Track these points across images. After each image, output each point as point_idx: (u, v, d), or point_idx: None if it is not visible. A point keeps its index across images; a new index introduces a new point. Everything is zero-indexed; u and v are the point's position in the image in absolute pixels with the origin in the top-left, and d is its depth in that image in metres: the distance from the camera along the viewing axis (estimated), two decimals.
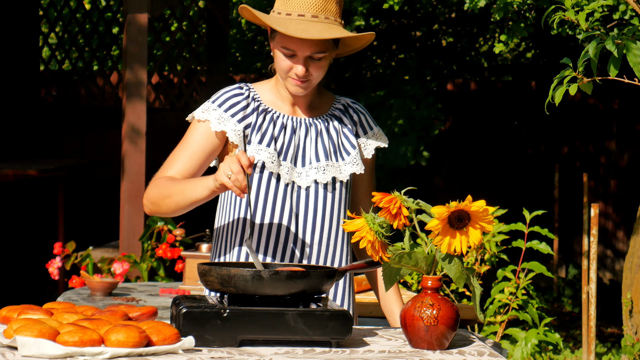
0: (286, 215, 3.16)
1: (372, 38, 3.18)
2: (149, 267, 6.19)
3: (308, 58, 3.09)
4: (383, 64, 11.35)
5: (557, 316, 9.53)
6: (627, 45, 2.80)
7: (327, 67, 3.16)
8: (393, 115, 10.25)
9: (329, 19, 3.09)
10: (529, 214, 5.34)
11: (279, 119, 3.19)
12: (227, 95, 3.19)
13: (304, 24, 3.05)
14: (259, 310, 2.69)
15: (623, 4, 6.69)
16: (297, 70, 3.09)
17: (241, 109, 3.17)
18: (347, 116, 3.29)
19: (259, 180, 3.14)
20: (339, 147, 3.23)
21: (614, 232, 11.22)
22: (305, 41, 3.06)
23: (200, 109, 3.19)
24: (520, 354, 5.20)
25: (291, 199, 3.16)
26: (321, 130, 3.22)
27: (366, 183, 3.32)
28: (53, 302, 2.87)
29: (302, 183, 3.17)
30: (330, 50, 3.12)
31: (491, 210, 2.70)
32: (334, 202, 3.20)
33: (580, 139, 11.20)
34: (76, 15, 9.71)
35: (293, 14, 3.08)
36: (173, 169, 3.14)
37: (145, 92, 6.69)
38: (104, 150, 9.51)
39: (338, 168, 3.20)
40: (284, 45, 3.09)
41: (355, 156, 3.23)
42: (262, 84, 3.26)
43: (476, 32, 12.14)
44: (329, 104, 3.29)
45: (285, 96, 3.21)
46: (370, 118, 3.34)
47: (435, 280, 2.76)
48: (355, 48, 3.26)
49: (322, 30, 3.04)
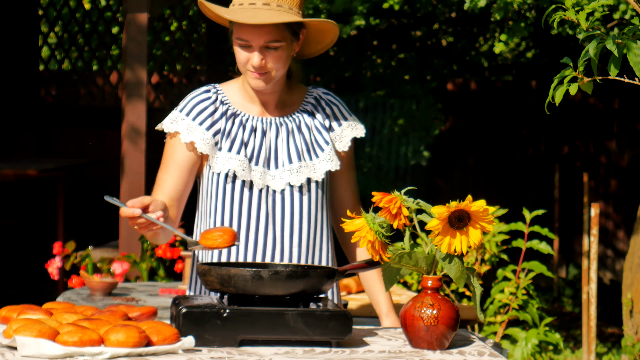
0: (262, 221, 3.11)
1: (336, 30, 3.12)
2: (149, 267, 6.19)
3: (264, 48, 3.03)
4: (383, 64, 11.35)
5: (557, 316, 9.53)
6: (627, 45, 2.79)
7: (288, 60, 3.08)
8: (393, 115, 10.25)
9: (281, 6, 3.03)
10: (529, 214, 5.34)
11: (249, 122, 3.13)
12: (194, 101, 3.14)
13: (253, 11, 3.00)
14: (259, 310, 2.69)
15: (623, 4, 6.69)
16: (253, 61, 3.03)
17: (209, 115, 3.12)
18: (319, 109, 3.22)
19: (232, 190, 3.10)
20: (312, 144, 3.17)
21: (615, 232, 11.22)
22: (258, 29, 3.00)
23: (169, 119, 3.13)
24: (520, 354, 5.20)
25: (266, 204, 3.11)
26: (292, 129, 3.17)
27: (345, 177, 3.26)
28: (53, 302, 2.87)
29: (276, 186, 3.12)
30: (287, 41, 3.05)
31: (491, 210, 2.69)
32: (310, 204, 3.15)
33: (581, 138, 11.20)
34: (76, 14, 9.70)
35: (245, 3, 3.03)
36: (161, 192, 3.10)
37: (145, 92, 6.68)
38: (104, 150, 9.51)
39: (312, 167, 3.15)
40: (238, 36, 3.04)
41: (330, 152, 3.17)
42: (229, 84, 3.21)
43: (476, 32, 12.14)
44: (301, 99, 3.22)
45: (254, 96, 3.15)
46: (344, 108, 3.27)
47: (436, 280, 2.76)
48: (325, 45, 3.19)
49: (270, 16, 2.99)
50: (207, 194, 3.14)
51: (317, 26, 3.12)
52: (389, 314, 3.24)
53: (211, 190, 3.12)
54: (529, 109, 11.21)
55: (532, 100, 11.21)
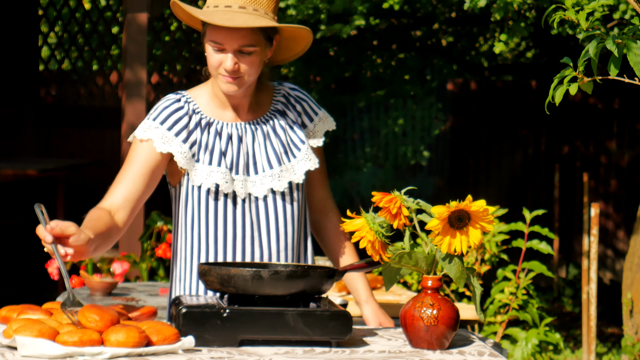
0: (248, 230, 3.09)
1: (310, 36, 3.10)
2: (149, 267, 6.19)
3: (238, 52, 2.99)
4: (383, 64, 11.35)
5: (557, 316, 9.52)
6: (627, 45, 2.79)
7: (261, 65, 3.04)
8: (393, 115, 10.25)
9: (257, 10, 3.00)
10: (529, 214, 5.33)
11: (224, 130, 3.10)
12: (167, 112, 3.08)
13: (229, 14, 2.97)
14: (259, 310, 2.69)
15: (623, 4, 6.69)
16: (226, 64, 2.99)
17: (184, 126, 3.06)
18: (290, 108, 3.20)
19: (215, 205, 3.07)
20: (288, 145, 3.15)
21: (615, 232, 11.22)
22: (233, 33, 2.97)
23: (141, 127, 3.07)
24: (520, 354, 5.19)
25: (250, 213, 3.09)
26: (268, 132, 3.14)
27: (319, 172, 3.25)
28: (53, 302, 2.87)
29: (259, 193, 3.09)
30: (261, 46, 3.02)
31: (491, 210, 2.69)
32: (293, 208, 3.13)
33: (581, 138, 11.20)
34: (76, 14, 9.70)
35: (220, 6, 3.00)
36: (117, 192, 3.03)
37: (145, 92, 6.68)
38: (104, 150, 9.50)
39: (292, 169, 3.13)
40: (212, 39, 3.00)
41: (307, 151, 3.15)
42: (197, 89, 3.16)
43: (476, 32, 12.14)
44: (270, 98, 3.19)
45: (224, 100, 3.11)
46: (313, 103, 3.25)
47: (436, 280, 2.76)
48: (297, 52, 3.16)
49: (247, 20, 2.96)
50: (187, 207, 3.10)
51: (291, 32, 3.09)
52: (369, 301, 3.23)
53: (192, 203, 3.08)
54: (529, 109, 11.21)
55: (532, 100, 11.21)
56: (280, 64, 3.22)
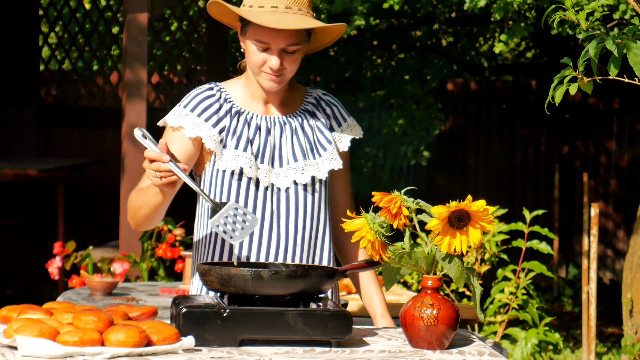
0: (267, 219, 3.11)
1: (343, 31, 3.13)
2: (149, 267, 6.19)
3: (282, 51, 3.04)
4: (383, 64, 11.34)
5: (557, 316, 9.53)
6: (627, 45, 2.80)
7: (300, 61, 3.10)
8: (393, 115, 10.24)
9: (301, 10, 3.04)
10: (529, 214, 5.34)
11: (253, 120, 3.14)
12: (198, 98, 3.13)
13: (278, 15, 3.00)
14: (259, 310, 2.69)
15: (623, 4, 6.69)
16: (272, 63, 3.04)
17: (214, 112, 3.11)
18: (320, 110, 3.23)
19: (238, 187, 3.09)
20: (315, 143, 3.18)
21: (614, 232, 11.22)
22: (280, 33, 3.01)
23: (172, 114, 3.12)
24: (520, 354, 5.20)
25: (271, 202, 3.12)
26: (296, 128, 3.17)
27: (343, 177, 3.28)
28: (53, 302, 2.87)
29: (281, 184, 3.12)
30: (303, 43, 3.07)
31: (491, 210, 2.69)
32: (314, 202, 3.16)
33: (581, 138, 11.20)
34: (76, 14, 9.70)
35: (266, 6, 3.03)
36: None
37: (145, 92, 6.68)
38: (104, 150, 9.51)
39: (316, 166, 3.16)
40: (257, 39, 3.03)
41: (332, 151, 3.18)
42: (232, 82, 3.21)
43: (476, 32, 12.14)
44: (301, 98, 3.23)
45: (258, 94, 3.16)
46: (343, 110, 3.28)
47: (436, 280, 2.76)
48: (324, 43, 3.20)
49: (297, 21, 3.00)
50: (210, 192, 3.13)
51: (326, 27, 3.13)
52: (384, 316, 3.24)
53: (215, 188, 3.12)
54: (529, 109, 11.21)
55: (532, 100, 11.21)
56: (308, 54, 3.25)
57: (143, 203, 3.06)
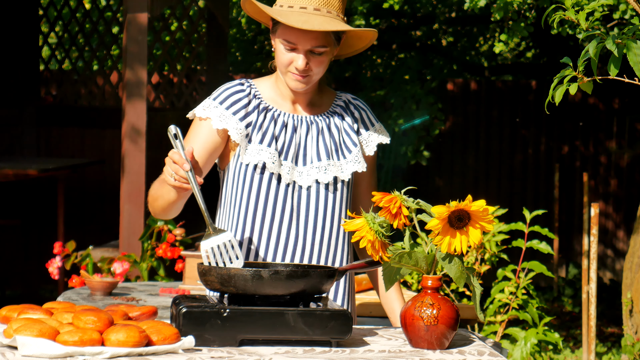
0: (287, 216, 3.14)
1: (375, 37, 3.17)
2: (149, 266, 6.19)
3: (309, 52, 3.07)
4: (383, 64, 11.35)
5: (557, 316, 9.53)
6: (627, 45, 2.80)
7: (328, 64, 3.13)
8: (393, 115, 10.24)
9: (331, 13, 3.07)
10: (529, 214, 5.34)
11: (280, 117, 3.17)
12: (228, 92, 3.17)
13: (305, 16, 3.04)
14: (259, 310, 2.69)
15: (623, 4, 6.69)
16: (298, 63, 3.07)
17: (243, 106, 3.15)
18: (348, 113, 3.26)
19: (260, 181, 3.12)
20: (340, 145, 3.21)
21: (614, 232, 11.22)
22: (307, 34, 3.05)
23: (201, 106, 3.17)
24: (520, 354, 5.20)
25: (292, 200, 3.14)
26: (322, 128, 3.20)
27: (367, 181, 3.30)
28: (53, 302, 2.87)
29: (303, 183, 3.15)
30: (331, 46, 3.10)
31: (491, 210, 2.69)
32: (335, 202, 3.18)
33: (581, 138, 11.20)
34: (76, 14, 9.70)
35: (295, 7, 3.07)
36: None
37: (145, 92, 6.68)
38: (104, 150, 9.51)
39: (340, 167, 3.18)
40: (285, 38, 3.07)
41: (357, 154, 3.21)
42: (262, 80, 3.24)
43: (476, 32, 12.14)
44: (330, 101, 3.26)
45: (286, 93, 3.19)
46: (371, 114, 3.31)
47: (436, 280, 2.76)
48: (357, 49, 3.24)
49: (323, 23, 3.03)
50: (232, 185, 3.16)
51: (357, 32, 3.15)
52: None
53: (238, 181, 3.15)
54: (529, 109, 11.21)
55: (532, 100, 11.21)
56: (339, 58, 3.29)
57: (160, 195, 3.11)
